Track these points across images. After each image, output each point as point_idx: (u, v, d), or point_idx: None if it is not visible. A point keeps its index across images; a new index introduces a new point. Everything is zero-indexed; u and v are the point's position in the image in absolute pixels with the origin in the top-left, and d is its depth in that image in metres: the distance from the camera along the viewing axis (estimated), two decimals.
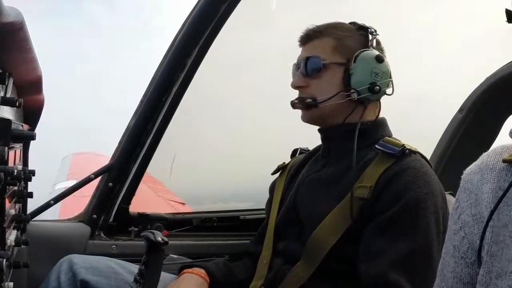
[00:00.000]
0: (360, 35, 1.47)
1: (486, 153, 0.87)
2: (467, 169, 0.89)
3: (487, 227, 0.80)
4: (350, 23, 1.51)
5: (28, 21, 0.84)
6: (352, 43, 1.45)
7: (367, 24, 1.49)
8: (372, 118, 1.47)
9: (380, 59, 1.43)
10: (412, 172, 1.31)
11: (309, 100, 1.44)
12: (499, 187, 0.81)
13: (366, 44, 1.45)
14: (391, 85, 1.47)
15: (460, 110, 2.18)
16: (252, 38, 2.23)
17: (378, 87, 1.41)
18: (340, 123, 1.45)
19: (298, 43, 1.53)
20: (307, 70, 1.46)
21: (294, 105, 1.49)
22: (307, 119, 1.49)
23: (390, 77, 1.46)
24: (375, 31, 1.48)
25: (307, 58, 1.46)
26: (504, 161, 0.81)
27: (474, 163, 0.88)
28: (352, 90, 1.41)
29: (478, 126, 2.16)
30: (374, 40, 1.47)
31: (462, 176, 0.88)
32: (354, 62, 1.41)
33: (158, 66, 1.80)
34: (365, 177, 1.34)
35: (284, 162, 1.71)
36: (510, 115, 2.15)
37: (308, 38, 1.49)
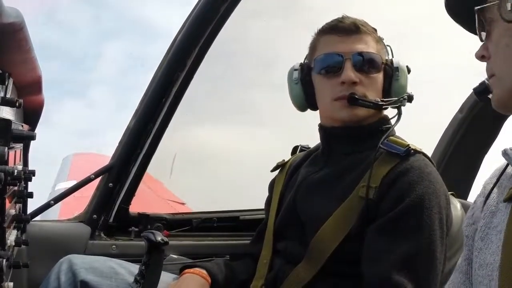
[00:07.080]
0: (381, 40, 1.46)
1: (498, 167, 0.93)
2: (488, 178, 0.96)
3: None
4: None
5: None
6: (382, 47, 1.45)
7: None
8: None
9: (409, 70, 1.45)
10: (416, 172, 1.30)
11: (377, 100, 1.37)
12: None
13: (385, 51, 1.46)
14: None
15: (460, 110, 2.17)
16: None
17: (412, 97, 1.41)
18: (365, 124, 1.43)
19: (333, 31, 1.40)
20: (366, 66, 1.39)
21: (355, 100, 1.36)
22: (355, 117, 1.39)
23: None
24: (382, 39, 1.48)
25: (369, 54, 1.38)
26: (504, 200, 0.84)
27: (491, 172, 0.96)
28: (405, 96, 1.39)
29: (478, 126, 2.15)
30: (389, 49, 1.48)
31: (483, 184, 0.96)
32: (398, 69, 1.41)
33: (158, 66, 1.79)
34: (368, 177, 1.32)
35: (283, 160, 1.68)
36: (510, 115, 2.15)
37: (357, 29, 1.39)
